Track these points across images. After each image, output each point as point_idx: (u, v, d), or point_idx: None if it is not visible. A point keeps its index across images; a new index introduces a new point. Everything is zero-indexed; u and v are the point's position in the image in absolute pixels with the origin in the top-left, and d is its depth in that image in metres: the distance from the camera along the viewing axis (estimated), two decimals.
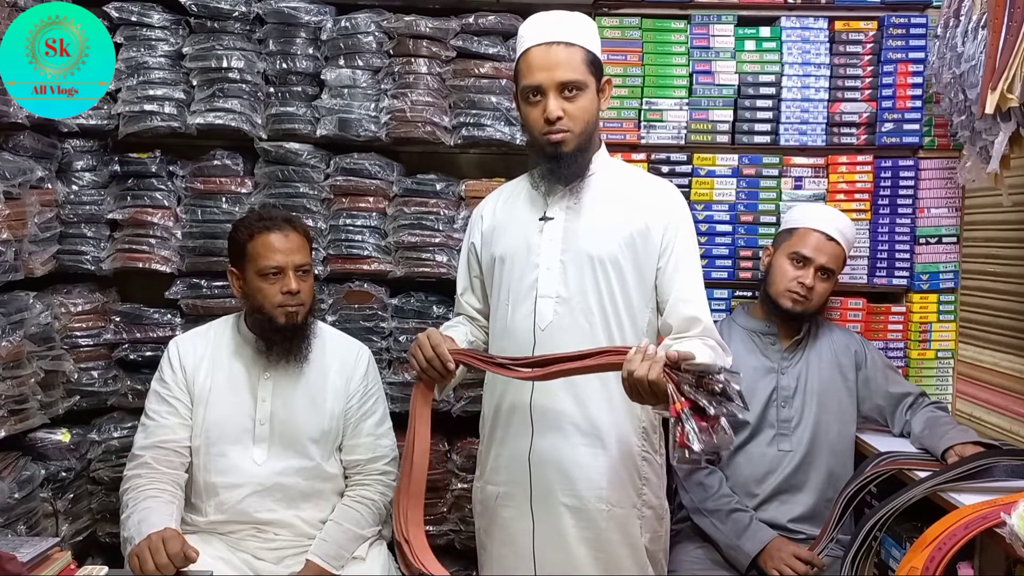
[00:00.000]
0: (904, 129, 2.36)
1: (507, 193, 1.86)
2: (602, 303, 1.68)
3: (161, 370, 1.93)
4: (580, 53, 1.63)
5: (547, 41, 1.62)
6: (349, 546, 1.89)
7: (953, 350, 2.37)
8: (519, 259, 1.73)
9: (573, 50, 1.62)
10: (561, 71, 1.61)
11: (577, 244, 1.68)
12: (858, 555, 1.82)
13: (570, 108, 1.62)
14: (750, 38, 2.38)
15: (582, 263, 1.68)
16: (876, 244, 2.38)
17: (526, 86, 1.64)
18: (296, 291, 1.85)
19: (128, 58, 2.30)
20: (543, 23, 1.66)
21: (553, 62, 1.61)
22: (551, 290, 1.68)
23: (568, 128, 1.63)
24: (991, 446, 1.88)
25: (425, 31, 2.34)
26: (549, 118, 1.61)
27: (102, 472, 2.33)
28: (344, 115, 2.33)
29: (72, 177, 2.34)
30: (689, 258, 1.73)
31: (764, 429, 2.12)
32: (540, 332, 1.67)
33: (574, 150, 1.65)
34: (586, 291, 1.68)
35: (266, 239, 1.85)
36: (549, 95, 1.61)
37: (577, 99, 1.63)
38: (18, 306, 2.07)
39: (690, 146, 2.39)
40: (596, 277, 1.68)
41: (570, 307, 1.67)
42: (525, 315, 1.70)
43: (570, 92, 1.62)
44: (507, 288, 1.74)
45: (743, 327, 2.20)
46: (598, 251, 1.68)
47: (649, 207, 1.72)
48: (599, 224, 1.69)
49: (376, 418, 2.02)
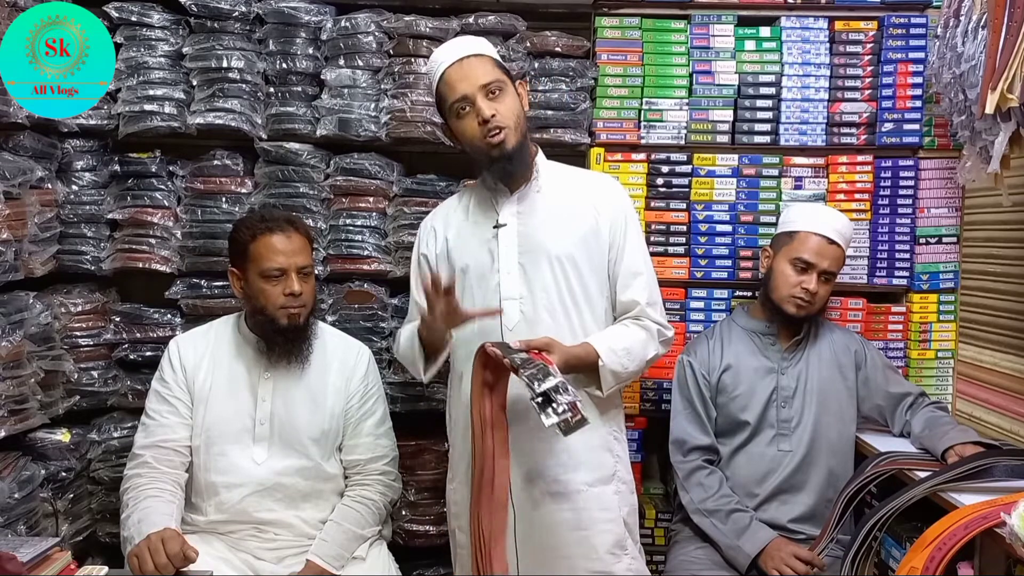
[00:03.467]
0: (904, 129, 2.36)
1: (454, 207, 1.93)
2: (562, 298, 1.78)
3: (161, 370, 1.93)
4: (489, 60, 1.75)
5: (457, 58, 1.73)
6: (349, 546, 1.89)
7: (953, 350, 2.38)
8: (481, 267, 1.80)
9: (483, 59, 1.74)
10: (479, 75, 1.71)
11: (533, 245, 1.78)
12: (858, 555, 1.82)
13: (498, 107, 1.71)
14: (750, 38, 2.38)
15: (540, 262, 1.77)
16: (876, 244, 2.38)
17: (454, 103, 1.72)
18: (299, 293, 1.85)
19: (128, 58, 2.30)
20: (448, 48, 1.78)
21: (470, 72, 1.72)
22: (514, 291, 1.77)
23: (503, 124, 1.70)
24: (991, 446, 1.88)
25: (425, 31, 2.34)
26: (484, 117, 1.69)
27: (102, 472, 2.33)
28: (344, 115, 2.33)
29: (72, 177, 2.34)
30: (632, 246, 1.84)
31: (764, 429, 2.12)
32: (508, 332, 1.74)
33: (516, 146, 1.73)
34: (547, 288, 1.77)
35: (268, 240, 1.85)
36: (476, 100, 1.70)
37: (501, 98, 1.72)
38: (18, 306, 2.07)
39: (690, 146, 2.39)
40: (555, 273, 1.77)
41: (534, 305, 1.77)
42: (492, 318, 1.75)
43: (494, 93, 1.71)
44: (471, 295, 1.79)
45: (743, 327, 2.20)
46: (554, 249, 1.77)
47: (595, 202, 1.83)
48: (551, 223, 1.79)
49: (376, 418, 2.02)
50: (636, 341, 1.78)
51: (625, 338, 1.77)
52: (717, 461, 2.15)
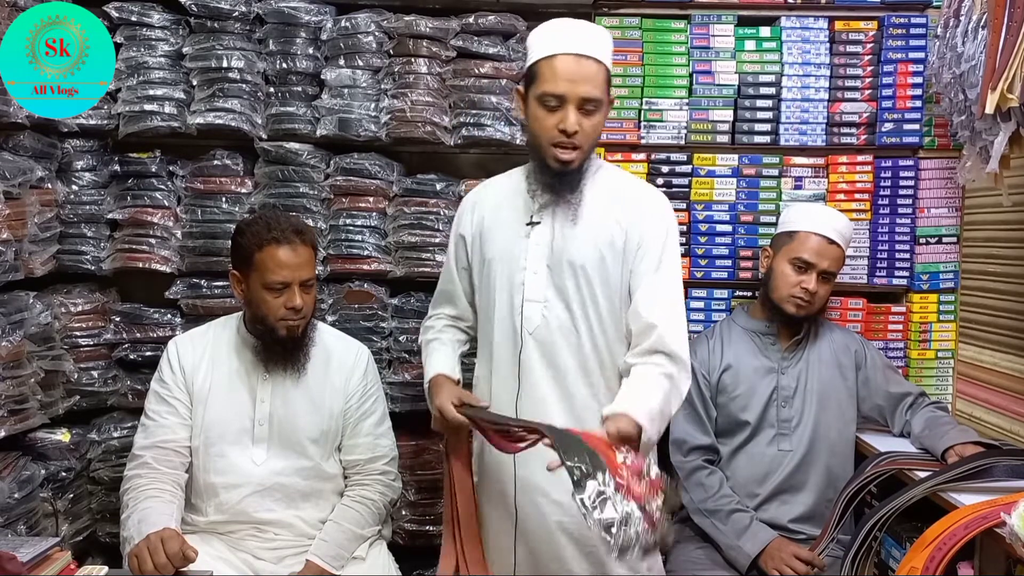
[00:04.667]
0: (904, 129, 2.36)
1: (497, 189, 1.86)
2: (585, 309, 1.70)
3: (160, 370, 1.93)
4: (604, 72, 1.63)
5: (577, 52, 1.60)
6: (349, 546, 1.88)
7: (953, 350, 2.37)
8: (507, 262, 1.75)
9: (600, 67, 1.62)
10: (587, 87, 1.60)
11: (563, 250, 1.70)
12: (858, 555, 1.82)
13: (586, 124, 1.62)
14: (750, 38, 2.38)
15: (568, 269, 1.69)
16: (876, 244, 2.38)
17: (547, 92, 1.61)
18: (300, 307, 1.84)
19: (128, 58, 2.30)
20: (573, 32, 1.63)
21: (581, 76, 1.59)
22: (538, 294, 1.71)
23: (579, 144, 1.63)
24: (991, 446, 1.88)
25: (425, 31, 2.34)
26: (567, 131, 1.60)
27: (102, 472, 2.33)
28: (344, 115, 2.33)
29: (72, 177, 2.34)
30: (663, 266, 1.70)
31: (764, 429, 2.12)
32: (528, 335, 1.70)
33: (577, 166, 1.66)
34: (571, 297, 1.70)
35: (275, 253, 1.81)
36: (569, 107, 1.60)
37: (593, 116, 1.63)
38: (18, 306, 2.07)
39: (690, 146, 2.39)
40: (579, 283, 1.69)
41: (556, 312, 1.70)
42: (512, 318, 1.72)
43: (588, 111, 1.62)
44: (495, 290, 1.76)
45: (743, 327, 2.20)
46: (583, 259, 1.69)
47: (632, 218, 1.71)
48: (582, 232, 1.70)
49: (375, 418, 2.02)
50: (665, 398, 1.57)
51: (655, 396, 1.55)
52: (717, 461, 2.15)
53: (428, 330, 1.95)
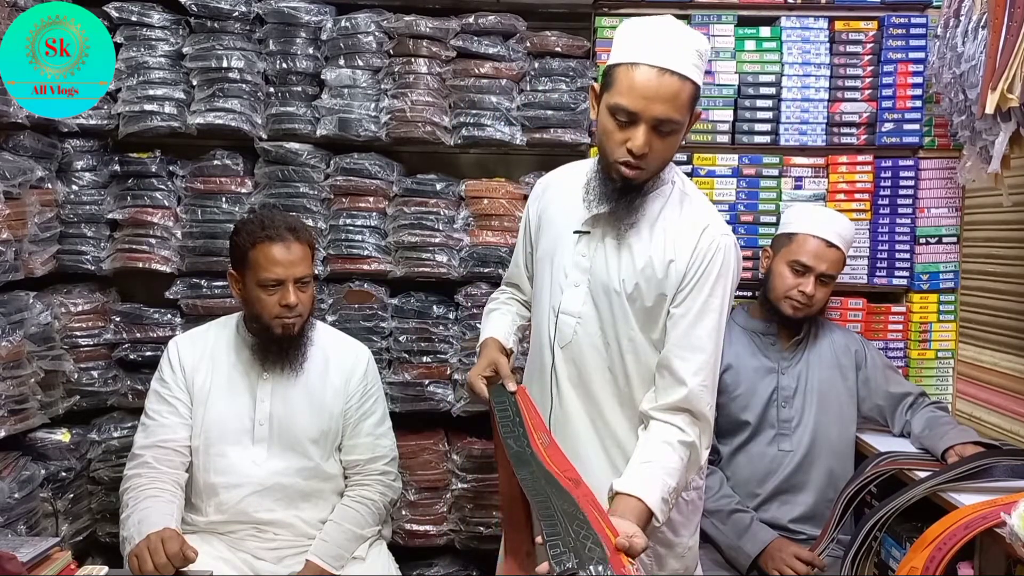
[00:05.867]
0: (904, 129, 2.36)
1: (563, 181, 1.74)
2: (616, 333, 1.58)
3: (161, 370, 1.93)
4: (689, 89, 1.45)
5: (662, 66, 1.42)
6: (349, 546, 1.89)
7: (953, 350, 2.38)
8: (551, 266, 1.66)
9: (684, 85, 1.43)
10: (664, 107, 1.43)
11: (605, 269, 1.58)
12: (858, 555, 1.82)
13: (657, 146, 1.47)
14: (750, 38, 2.38)
15: (606, 290, 1.58)
16: (876, 244, 2.38)
17: (620, 106, 1.44)
18: (294, 304, 1.84)
19: (128, 58, 2.30)
20: (663, 40, 1.44)
21: (661, 95, 1.42)
22: (573, 308, 1.61)
23: (646, 166, 1.49)
24: (991, 446, 1.88)
25: (425, 31, 2.34)
26: (635, 150, 1.45)
27: (102, 472, 2.34)
28: (344, 115, 2.33)
29: (72, 177, 2.34)
30: (705, 317, 1.53)
31: (764, 429, 2.12)
32: (559, 350, 1.62)
33: (639, 184, 1.53)
34: (605, 318, 1.59)
35: (267, 250, 1.82)
36: (640, 127, 1.44)
37: (667, 138, 1.47)
38: (18, 306, 2.07)
39: (690, 146, 2.39)
40: (612, 307, 1.58)
41: (588, 331, 1.60)
42: (546, 328, 1.66)
43: (663, 132, 1.46)
44: (540, 288, 1.71)
45: (743, 327, 2.20)
46: (622, 283, 1.57)
47: (680, 250, 1.54)
48: (631, 257, 1.57)
49: (375, 418, 2.02)
50: (682, 475, 1.46)
51: (672, 476, 1.42)
52: (717, 461, 2.15)
53: (493, 300, 1.90)
